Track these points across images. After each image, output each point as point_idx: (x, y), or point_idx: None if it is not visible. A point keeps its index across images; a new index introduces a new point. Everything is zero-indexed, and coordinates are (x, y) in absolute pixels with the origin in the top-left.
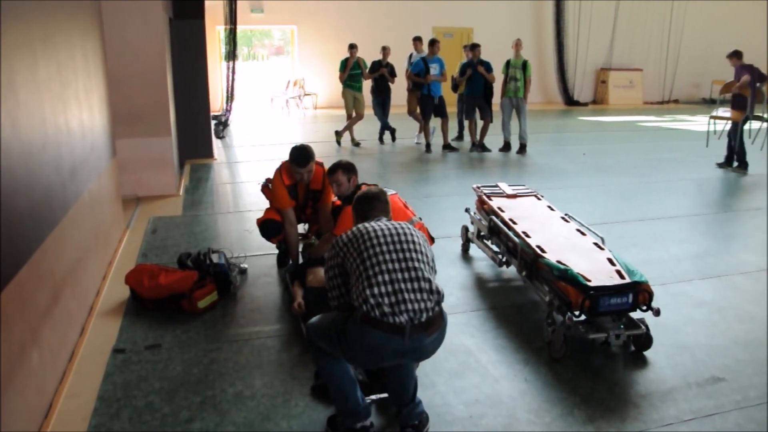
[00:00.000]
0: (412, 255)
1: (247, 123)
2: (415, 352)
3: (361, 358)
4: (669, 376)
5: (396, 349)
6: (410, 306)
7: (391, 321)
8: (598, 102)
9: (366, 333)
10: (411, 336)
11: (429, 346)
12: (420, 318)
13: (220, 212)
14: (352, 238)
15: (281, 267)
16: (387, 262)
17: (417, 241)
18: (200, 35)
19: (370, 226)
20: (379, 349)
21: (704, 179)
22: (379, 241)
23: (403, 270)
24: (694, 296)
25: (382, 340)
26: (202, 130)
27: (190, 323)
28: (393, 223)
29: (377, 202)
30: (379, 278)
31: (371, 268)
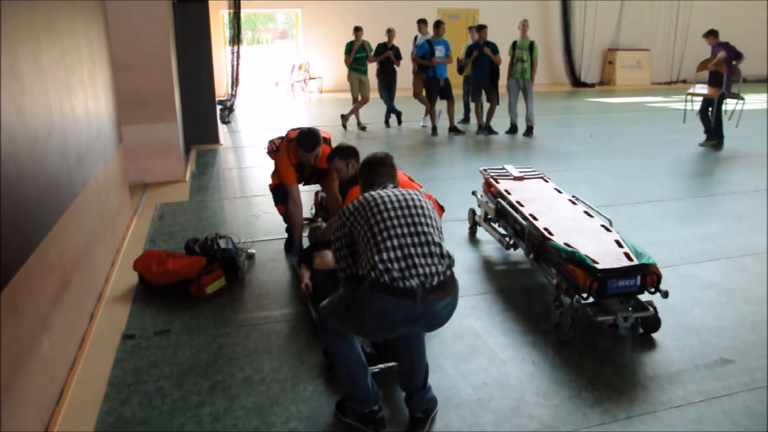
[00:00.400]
0: (421, 220)
1: (252, 108)
2: (428, 318)
3: (372, 327)
4: (677, 358)
5: (408, 314)
6: (421, 270)
7: (401, 285)
8: (605, 83)
9: (376, 299)
10: (423, 300)
11: (442, 311)
12: (431, 282)
13: (227, 197)
14: (358, 207)
15: (289, 252)
16: (395, 227)
17: (425, 206)
18: (204, 19)
19: (377, 194)
20: (391, 315)
21: (712, 160)
22: (387, 207)
23: (412, 234)
24: (702, 278)
25: (393, 305)
26: (207, 115)
27: (199, 309)
28: (400, 190)
29: (383, 167)
30: (388, 243)
31: (379, 234)
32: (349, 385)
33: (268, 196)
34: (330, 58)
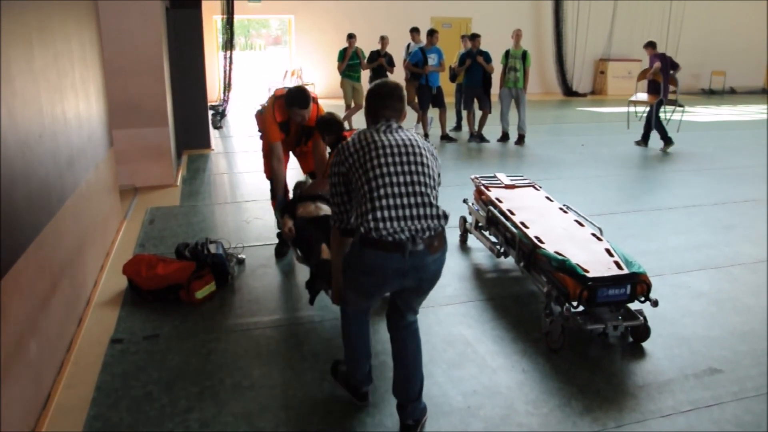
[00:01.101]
0: (420, 179)
1: (244, 113)
2: (417, 271)
3: (363, 282)
4: (666, 367)
5: (397, 267)
6: (412, 225)
7: (390, 240)
8: (597, 92)
9: (366, 255)
10: (412, 253)
11: (431, 265)
12: (421, 236)
13: (218, 202)
14: (359, 148)
15: (279, 257)
16: (392, 185)
17: (425, 155)
18: (197, 24)
19: (379, 139)
20: (380, 269)
21: (703, 169)
22: (387, 161)
23: (408, 194)
24: (692, 287)
25: (382, 259)
26: (199, 120)
27: (188, 314)
28: (402, 136)
29: (390, 101)
30: (383, 202)
31: (376, 190)
32: (350, 365)
33: (259, 202)
34: (323, 65)
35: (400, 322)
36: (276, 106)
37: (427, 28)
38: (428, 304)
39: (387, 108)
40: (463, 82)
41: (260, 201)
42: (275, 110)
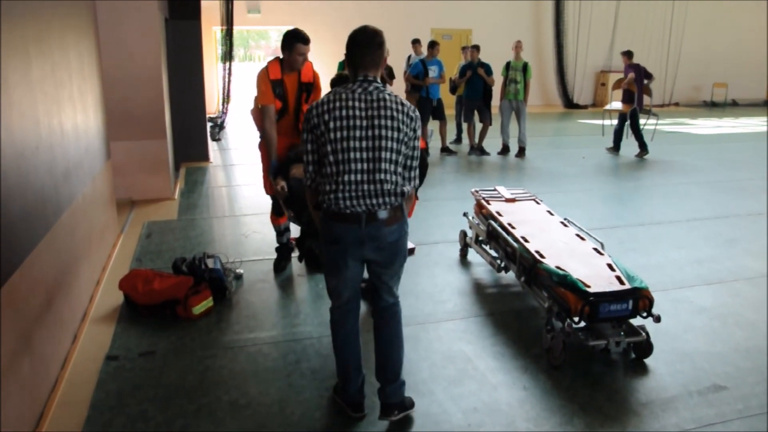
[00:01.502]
0: (382, 155)
1: (243, 125)
2: (374, 240)
3: (331, 252)
4: (669, 384)
5: (355, 236)
6: (369, 201)
7: (348, 212)
8: (598, 105)
9: (329, 226)
10: (368, 224)
11: (387, 236)
12: (377, 209)
13: (216, 216)
14: (327, 110)
15: (278, 272)
16: (355, 171)
17: (392, 126)
18: (196, 36)
19: (350, 106)
20: (341, 238)
21: (704, 182)
22: (352, 135)
23: (369, 174)
24: (695, 302)
25: (342, 230)
26: (197, 132)
27: (185, 330)
28: (373, 99)
29: (369, 49)
30: (346, 184)
31: (340, 174)
32: (340, 377)
33: (257, 215)
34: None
35: (378, 303)
36: (269, 65)
37: (428, 40)
38: (428, 320)
39: (365, 57)
40: (463, 94)
41: (259, 215)
42: (269, 68)
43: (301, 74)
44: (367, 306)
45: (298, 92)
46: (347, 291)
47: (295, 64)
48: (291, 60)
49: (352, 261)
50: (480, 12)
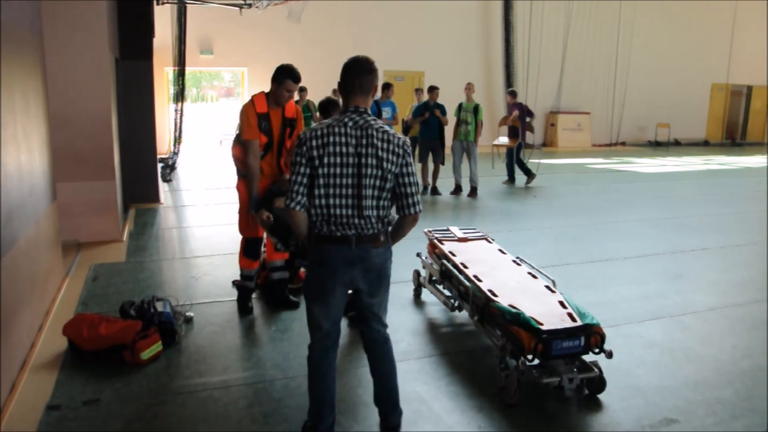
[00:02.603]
0: (364, 192)
1: (195, 166)
2: (363, 261)
3: (320, 274)
4: (623, 419)
5: (346, 257)
6: (357, 224)
7: (339, 234)
8: (548, 145)
9: (321, 249)
10: (357, 245)
11: (375, 258)
12: (365, 232)
13: (166, 258)
14: (322, 144)
15: (244, 313)
16: (343, 197)
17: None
18: (148, 76)
19: (342, 142)
20: (333, 258)
21: (652, 219)
22: (344, 171)
23: (355, 206)
24: (645, 337)
25: (333, 251)
26: (148, 173)
27: (132, 376)
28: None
29: (357, 72)
30: (334, 211)
31: (329, 197)
32: (312, 416)
33: (208, 257)
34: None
35: (370, 334)
36: (255, 99)
37: (381, 82)
38: None
39: (356, 78)
40: (418, 134)
41: (210, 257)
42: (255, 102)
43: (285, 110)
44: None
45: (282, 127)
46: (328, 322)
47: (281, 98)
48: (278, 94)
49: (340, 285)
50: (432, 54)
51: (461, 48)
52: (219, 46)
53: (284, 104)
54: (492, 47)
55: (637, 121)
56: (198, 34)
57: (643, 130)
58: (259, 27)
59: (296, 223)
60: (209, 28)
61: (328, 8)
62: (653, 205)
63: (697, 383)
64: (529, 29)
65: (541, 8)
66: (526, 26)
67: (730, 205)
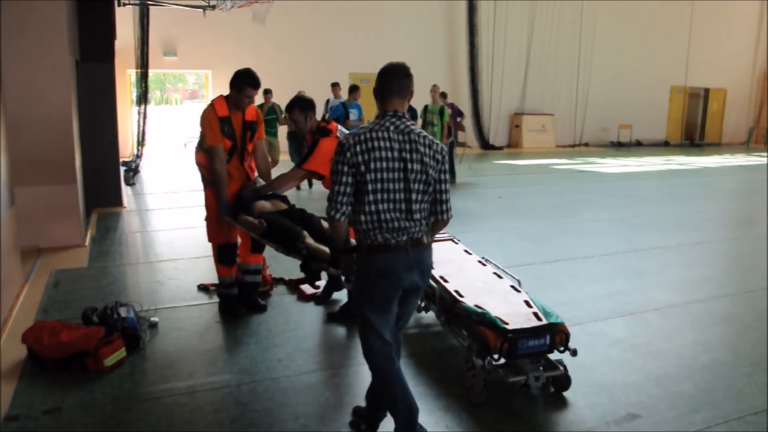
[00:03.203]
0: (412, 196)
1: (159, 169)
2: (419, 264)
3: (381, 285)
4: (588, 416)
5: (405, 262)
6: (407, 229)
7: (394, 242)
8: (513, 146)
9: (377, 259)
10: (413, 249)
11: (427, 259)
12: (415, 237)
13: (130, 263)
14: (367, 150)
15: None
16: (393, 202)
17: (420, 171)
18: (110, 79)
19: (384, 146)
20: (392, 266)
21: (614, 219)
22: (392, 176)
23: (405, 210)
24: (609, 335)
25: (393, 259)
26: (110, 177)
27: (95, 383)
28: (406, 140)
29: (396, 80)
30: (385, 216)
31: (379, 203)
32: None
33: (173, 261)
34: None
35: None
36: (215, 103)
37: (345, 84)
38: (349, 363)
39: (394, 83)
40: None
41: (175, 260)
42: (215, 106)
43: (245, 113)
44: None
45: (243, 131)
46: (388, 331)
47: (240, 104)
48: (237, 100)
49: (401, 291)
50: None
51: (426, 50)
52: (183, 48)
53: (244, 109)
54: (457, 49)
55: (600, 123)
56: (161, 35)
57: (606, 131)
58: (223, 29)
59: (339, 232)
60: (173, 29)
61: (293, 10)
62: (616, 204)
63: (659, 378)
64: (493, 32)
65: (505, 11)
66: (491, 29)
67: (689, 204)
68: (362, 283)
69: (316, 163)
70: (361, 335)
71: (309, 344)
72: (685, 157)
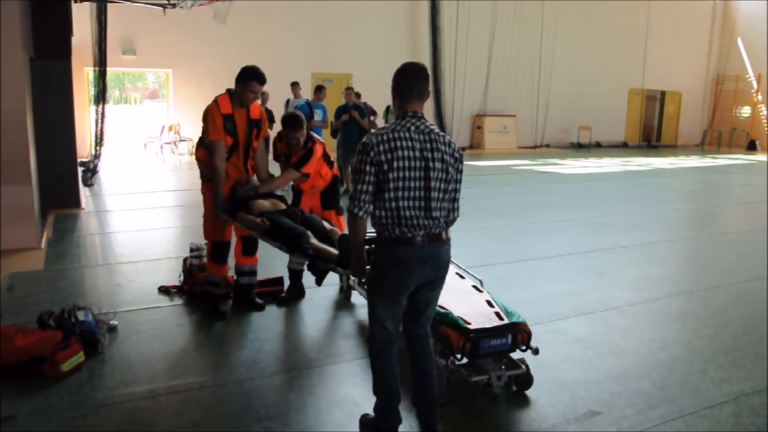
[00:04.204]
0: (433, 194)
1: (118, 170)
2: (434, 259)
3: (393, 275)
4: (550, 413)
5: (419, 256)
6: (425, 225)
7: (410, 236)
8: (475, 147)
9: (392, 251)
10: (429, 244)
11: (443, 255)
12: (432, 232)
13: (88, 265)
14: (391, 149)
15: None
16: (412, 199)
17: (442, 167)
18: (66, 76)
19: (405, 145)
20: (406, 259)
21: (575, 219)
22: (413, 174)
23: (424, 208)
24: (570, 333)
25: (407, 252)
26: (67, 177)
27: (52, 389)
28: (426, 140)
29: (416, 80)
30: (405, 213)
31: (399, 200)
32: (382, 406)
33: (133, 263)
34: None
35: (416, 330)
36: (219, 100)
37: (308, 84)
38: (312, 364)
39: (413, 86)
40: (340, 137)
41: (135, 263)
42: (219, 102)
43: (250, 110)
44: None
45: (248, 129)
46: (393, 321)
47: (245, 100)
48: (242, 95)
49: (413, 284)
50: (359, 56)
51: (389, 50)
52: (142, 47)
53: (249, 105)
54: (419, 50)
55: (561, 124)
56: (120, 33)
57: (566, 133)
58: (184, 28)
59: (358, 230)
60: (132, 27)
61: (254, 10)
62: (577, 205)
63: (618, 376)
64: (456, 33)
65: (467, 13)
66: (453, 30)
67: (647, 204)
68: (376, 272)
69: (311, 165)
70: (369, 321)
71: (271, 346)
72: (643, 158)
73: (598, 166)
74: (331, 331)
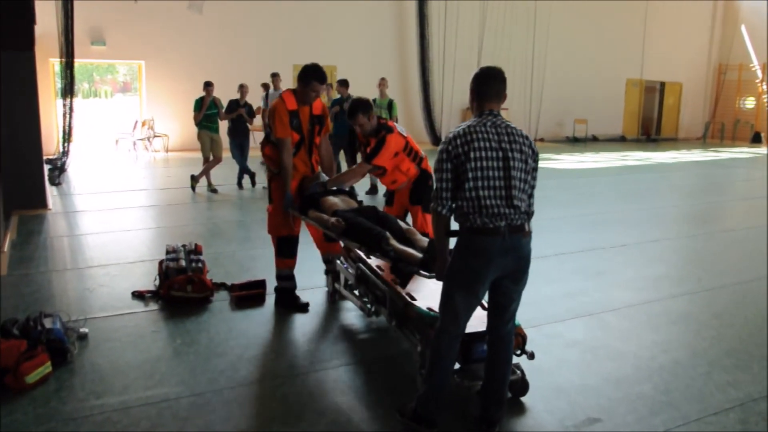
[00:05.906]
0: (513, 183)
1: (88, 167)
2: (515, 250)
3: (473, 264)
4: (547, 420)
5: (500, 246)
6: (507, 215)
7: (492, 226)
8: None
9: (474, 240)
10: (510, 235)
11: (525, 247)
12: (514, 223)
13: (56, 269)
14: (467, 142)
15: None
16: (493, 197)
17: (520, 157)
18: (30, 69)
19: (484, 139)
20: (488, 248)
21: (572, 216)
22: (491, 164)
23: (503, 197)
24: (567, 337)
25: (489, 241)
26: (32, 176)
27: (16, 403)
28: (503, 134)
29: (494, 82)
30: (486, 202)
31: (480, 189)
32: (432, 393)
33: (104, 267)
34: (177, 115)
35: (499, 327)
36: (284, 96)
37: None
38: (297, 371)
39: (491, 93)
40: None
41: (106, 266)
42: (285, 99)
43: (312, 107)
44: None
45: (311, 125)
46: (468, 313)
47: (307, 98)
48: (304, 93)
49: (492, 275)
50: (344, 48)
51: (374, 42)
52: (112, 37)
53: (311, 103)
54: (407, 42)
55: (555, 117)
56: (88, 23)
57: (561, 126)
58: (157, 18)
59: (441, 228)
60: (101, 17)
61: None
62: (573, 201)
63: (618, 380)
64: (444, 24)
65: (457, 2)
66: (442, 21)
67: (646, 200)
68: (455, 261)
69: (384, 158)
70: (440, 312)
71: (253, 353)
72: (642, 153)
73: (594, 161)
74: (317, 336)
